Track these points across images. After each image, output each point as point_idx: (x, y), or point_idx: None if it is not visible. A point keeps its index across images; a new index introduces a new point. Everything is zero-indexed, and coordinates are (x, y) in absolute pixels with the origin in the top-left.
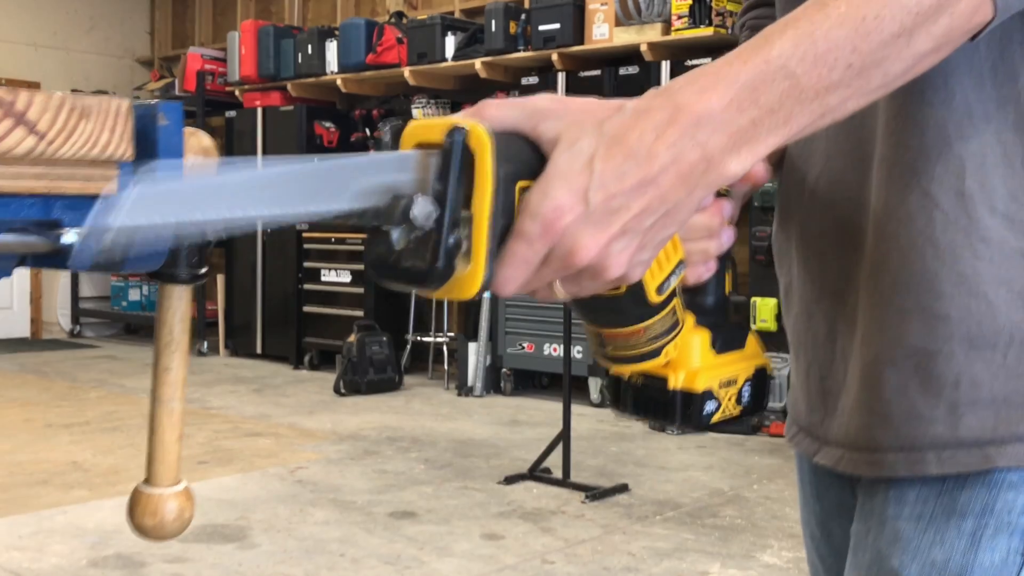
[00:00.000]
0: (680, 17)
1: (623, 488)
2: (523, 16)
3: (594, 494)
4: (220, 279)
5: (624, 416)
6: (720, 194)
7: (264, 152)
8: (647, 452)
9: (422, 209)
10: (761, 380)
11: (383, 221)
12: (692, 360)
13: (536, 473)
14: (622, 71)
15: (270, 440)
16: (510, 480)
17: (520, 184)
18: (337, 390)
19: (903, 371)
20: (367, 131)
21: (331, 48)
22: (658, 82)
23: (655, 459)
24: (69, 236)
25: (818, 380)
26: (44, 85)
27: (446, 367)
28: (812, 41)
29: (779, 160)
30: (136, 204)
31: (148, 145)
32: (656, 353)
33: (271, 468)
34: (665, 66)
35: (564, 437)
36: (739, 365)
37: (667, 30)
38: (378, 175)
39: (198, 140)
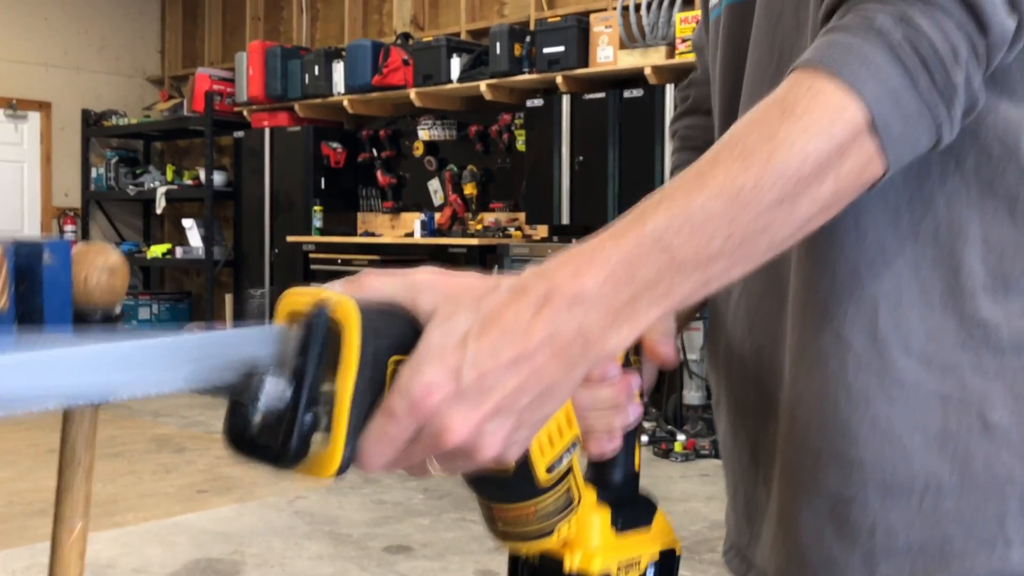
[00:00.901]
0: (684, 40)
1: None
2: (528, 38)
3: None
4: (228, 298)
5: None
6: (629, 367)
7: (272, 172)
8: (649, 480)
9: (273, 389)
10: (668, 562)
11: (238, 396)
12: (590, 540)
13: None
14: (626, 94)
15: None
16: None
17: (394, 358)
18: None
19: (819, 516)
20: (374, 151)
21: (338, 69)
22: (663, 105)
23: (656, 488)
24: None
25: (743, 502)
26: (55, 104)
27: None
28: (687, 215)
29: (686, 321)
30: None
31: (33, 283)
32: (548, 532)
33: (270, 497)
34: (669, 89)
35: None
36: (643, 547)
37: (671, 53)
38: (238, 348)
39: (104, 259)
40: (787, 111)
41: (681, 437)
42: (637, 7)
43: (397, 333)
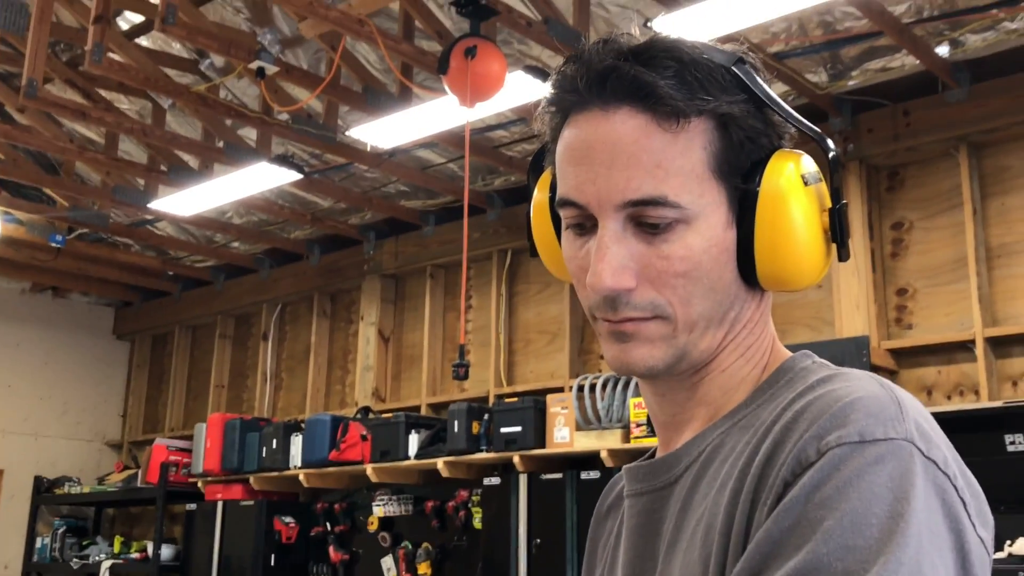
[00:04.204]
0: (639, 425)
1: None
2: (486, 417)
3: None
4: None
5: None
6: None
7: (222, 547)
8: None
9: None
10: None
11: None
12: None
13: None
14: (583, 475)
15: None
16: None
17: None
18: None
19: None
20: (328, 525)
21: (296, 442)
22: None
23: None
24: None
25: None
26: (8, 471)
27: None
28: None
29: None
30: None
31: None
32: None
33: None
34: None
35: None
36: None
37: (626, 437)
38: None
39: None
40: None
41: None
42: (592, 388)
43: None
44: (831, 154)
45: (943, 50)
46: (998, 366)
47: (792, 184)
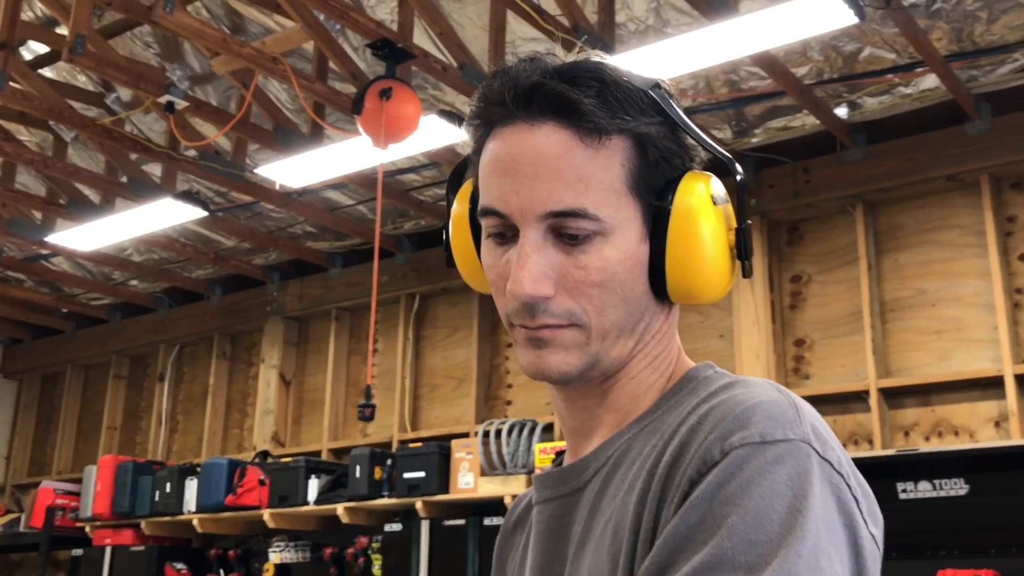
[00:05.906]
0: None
1: None
2: (389, 462)
3: None
4: None
5: None
6: None
7: None
8: None
9: None
10: None
11: None
12: None
13: None
14: (486, 521)
15: None
16: None
17: None
18: None
19: None
20: (221, 572)
21: (191, 487)
22: None
23: None
24: None
25: None
26: None
27: None
28: None
29: None
30: None
31: None
32: None
33: None
34: None
35: None
36: None
37: (531, 482)
38: None
39: None
40: None
41: None
42: (498, 434)
43: None
44: (739, 177)
45: (842, 111)
46: (891, 416)
47: (702, 203)
